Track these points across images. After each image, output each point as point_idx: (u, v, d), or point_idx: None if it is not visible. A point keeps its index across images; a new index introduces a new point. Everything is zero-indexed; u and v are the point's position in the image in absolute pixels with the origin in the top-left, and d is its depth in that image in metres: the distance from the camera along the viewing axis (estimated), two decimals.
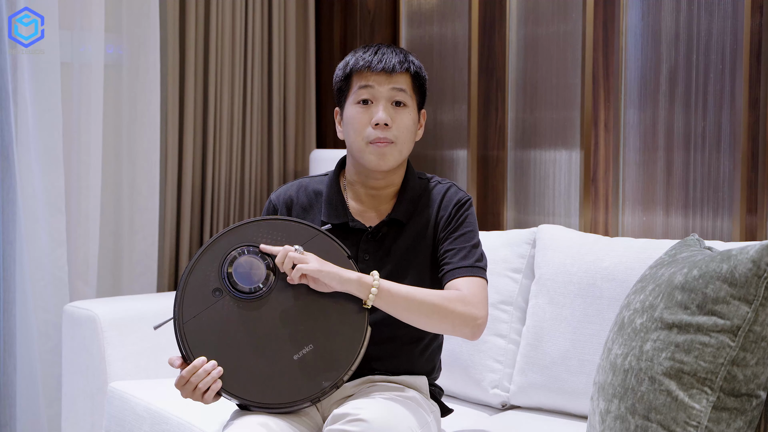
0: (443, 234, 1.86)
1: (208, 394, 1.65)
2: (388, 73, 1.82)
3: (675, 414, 1.45)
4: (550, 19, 2.69)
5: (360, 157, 1.85)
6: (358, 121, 1.83)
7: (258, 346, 1.68)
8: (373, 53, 1.84)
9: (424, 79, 1.89)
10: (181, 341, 1.67)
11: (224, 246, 1.72)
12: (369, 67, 1.82)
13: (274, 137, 3.36)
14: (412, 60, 1.87)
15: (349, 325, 1.71)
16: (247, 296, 1.70)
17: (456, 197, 1.89)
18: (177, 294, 1.69)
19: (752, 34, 2.23)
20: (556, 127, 2.69)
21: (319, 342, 1.69)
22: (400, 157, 1.84)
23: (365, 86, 1.82)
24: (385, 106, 1.82)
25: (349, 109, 1.85)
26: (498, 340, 2.34)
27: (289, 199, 1.91)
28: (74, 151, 2.92)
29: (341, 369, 1.69)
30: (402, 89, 1.83)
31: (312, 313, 1.70)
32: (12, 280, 2.84)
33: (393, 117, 1.82)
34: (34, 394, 2.84)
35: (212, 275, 1.70)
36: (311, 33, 3.45)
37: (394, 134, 1.82)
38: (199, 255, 1.71)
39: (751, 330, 1.44)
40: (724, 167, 2.31)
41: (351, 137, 1.85)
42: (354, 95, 1.84)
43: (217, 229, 3.22)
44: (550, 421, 2.17)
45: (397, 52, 1.85)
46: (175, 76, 3.11)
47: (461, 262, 1.81)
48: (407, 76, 1.85)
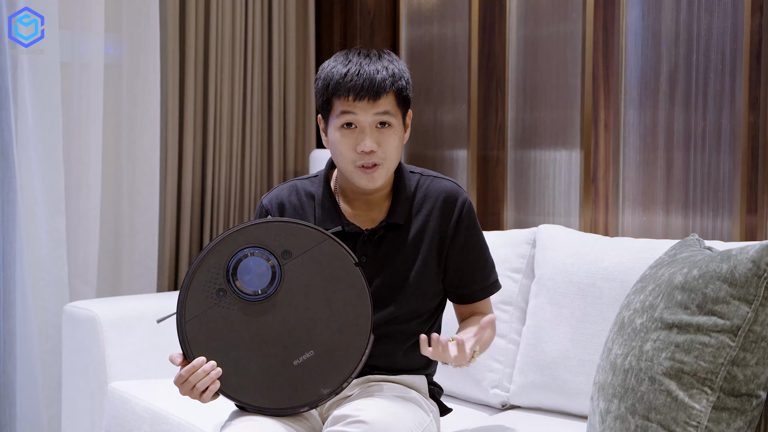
0: (456, 242, 1.86)
1: (206, 394, 1.65)
2: (372, 101, 1.74)
3: (675, 414, 1.45)
4: (550, 20, 2.69)
5: (349, 177, 1.82)
6: (344, 146, 1.77)
7: (258, 350, 1.67)
8: (355, 74, 1.73)
9: (406, 86, 1.80)
10: (182, 339, 1.67)
11: (232, 246, 1.70)
12: (352, 93, 1.73)
13: (274, 137, 3.36)
14: (394, 72, 1.76)
15: (350, 332, 1.70)
16: (251, 299, 1.69)
17: (459, 198, 1.88)
18: (181, 291, 1.68)
19: (752, 34, 2.23)
20: (556, 127, 2.69)
21: (320, 348, 1.68)
22: (388, 174, 1.81)
23: (347, 112, 1.75)
24: (371, 132, 1.76)
25: (333, 133, 1.79)
26: (498, 340, 2.34)
27: (281, 202, 1.89)
28: (74, 151, 2.92)
29: (341, 377, 1.69)
30: (386, 111, 1.76)
31: (314, 319, 1.69)
32: (12, 280, 2.84)
33: (379, 141, 1.76)
34: (34, 394, 2.84)
35: (218, 275, 1.69)
36: (311, 33, 3.45)
37: (381, 157, 1.77)
38: (206, 253, 1.69)
39: (751, 330, 1.44)
40: (724, 167, 2.31)
41: (337, 159, 1.81)
42: (337, 119, 1.77)
43: (217, 229, 3.22)
44: (550, 421, 2.17)
45: (380, 68, 1.75)
46: (175, 76, 3.11)
47: (483, 282, 1.89)
48: (391, 96, 1.76)
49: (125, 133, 3.04)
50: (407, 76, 1.82)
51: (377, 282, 1.82)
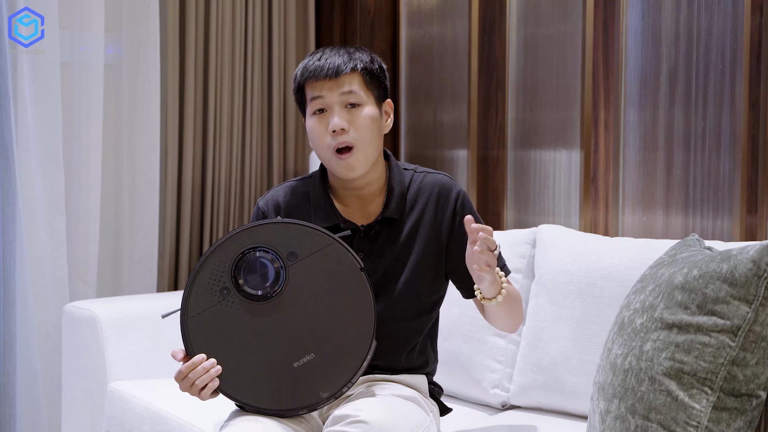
0: (455, 233, 1.86)
1: (205, 391, 1.66)
2: (333, 78, 1.79)
3: (675, 414, 1.45)
4: (550, 20, 2.69)
5: (329, 167, 1.85)
6: (317, 132, 1.82)
7: (259, 350, 1.67)
8: (317, 59, 1.82)
9: (378, 71, 1.86)
10: (185, 335, 1.67)
11: (238, 245, 1.69)
12: (314, 76, 1.81)
13: (274, 137, 3.36)
14: (359, 57, 1.83)
15: (352, 337, 1.69)
16: (254, 298, 1.69)
17: (452, 190, 1.88)
18: (186, 287, 1.68)
19: (752, 34, 2.23)
20: (556, 127, 2.69)
21: (320, 352, 1.68)
22: (367, 159, 1.83)
23: (316, 97, 1.81)
24: (339, 111, 1.80)
25: (308, 121, 1.84)
26: (498, 340, 2.34)
27: (277, 203, 1.91)
28: (74, 151, 2.92)
29: (341, 381, 1.68)
30: (351, 91, 1.80)
31: (317, 322, 1.69)
32: (12, 280, 2.84)
33: (349, 120, 1.80)
34: (34, 394, 2.84)
35: (222, 273, 1.68)
36: (311, 33, 3.45)
37: (353, 137, 1.80)
38: (212, 251, 1.69)
39: (751, 330, 1.44)
40: (724, 167, 2.31)
41: (315, 149, 1.85)
42: (309, 107, 1.84)
43: (217, 229, 3.22)
44: (550, 421, 2.17)
45: (342, 52, 1.83)
46: (175, 76, 3.11)
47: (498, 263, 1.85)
48: (356, 75, 1.81)
49: (125, 133, 3.04)
50: (378, 63, 1.87)
51: (374, 277, 1.83)
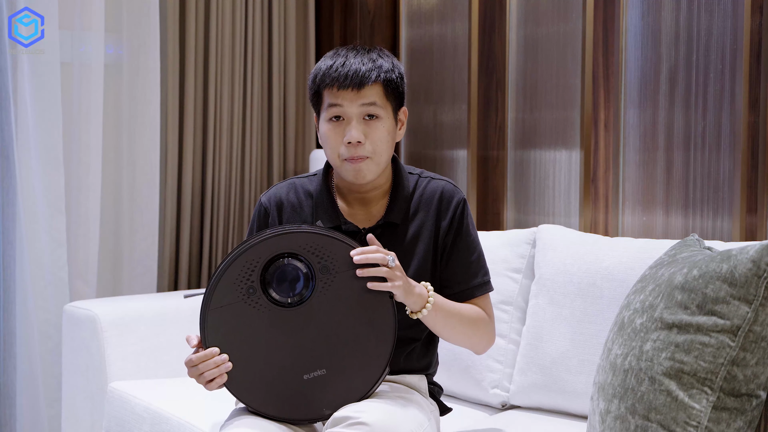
0: (447, 241, 1.86)
1: (212, 384, 1.66)
2: (356, 89, 1.75)
3: (675, 414, 1.45)
4: (550, 19, 2.69)
5: (339, 172, 1.83)
6: (332, 139, 1.79)
7: (272, 355, 1.66)
8: (340, 65, 1.76)
9: (398, 80, 1.81)
10: (203, 325, 1.66)
11: (274, 247, 1.66)
12: (336, 84, 1.75)
13: (274, 137, 3.36)
14: (381, 65, 1.78)
15: (366, 361, 1.68)
16: (279, 304, 1.67)
17: (454, 198, 1.87)
18: (213, 278, 1.66)
19: (752, 34, 2.23)
20: (556, 127, 2.69)
21: (332, 369, 1.67)
22: (378, 168, 1.81)
23: (335, 104, 1.77)
24: (357, 123, 1.76)
25: (323, 125, 1.81)
26: (498, 340, 2.34)
27: (279, 200, 1.89)
28: (74, 151, 2.92)
29: (346, 401, 1.67)
30: (372, 102, 1.76)
31: (335, 339, 1.67)
32: (12, 280, 2.84)
33: (366, 133, 1.77)
34: (34, 394, 2.84)
35: (253, 272, 1.66)
36: (311, 33, 3.45)
37: (369, 150, 1.77)
38: (248, 247, 1.65)
39: (751, 330, 1.44)
40: (724, 167, 2.31)
41: (327, 153, 1.82)
42: (325, 112, 1.79)
43: (217, 229, 3.22)
44: (550, 421, 2.17)
45: (365, 60, 1.77)
46: (175, 76, 3.11)
47: (473, 281, 1.86)
48: (378, 86, 1.77)
49: (125, 133, 3.04)
50: (399, 70, 1.82)
51: None
